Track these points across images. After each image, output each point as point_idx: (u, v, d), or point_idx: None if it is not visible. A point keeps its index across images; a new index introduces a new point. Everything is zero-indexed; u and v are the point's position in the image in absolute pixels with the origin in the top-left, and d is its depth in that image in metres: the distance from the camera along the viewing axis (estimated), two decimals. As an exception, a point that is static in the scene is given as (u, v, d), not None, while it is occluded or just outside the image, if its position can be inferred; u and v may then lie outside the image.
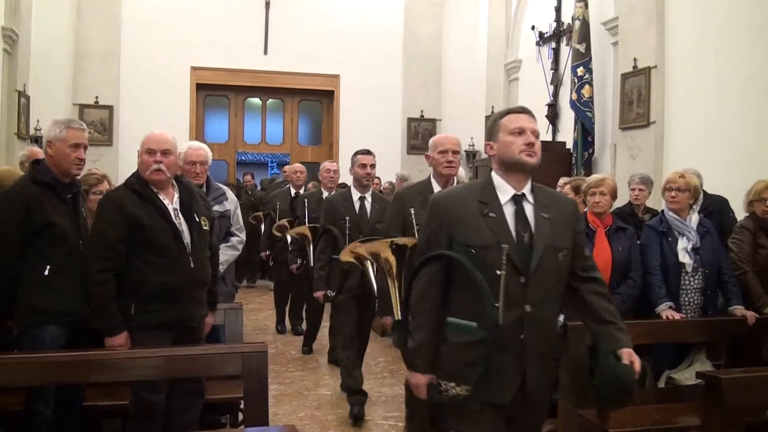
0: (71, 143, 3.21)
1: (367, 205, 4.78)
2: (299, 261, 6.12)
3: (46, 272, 3.12)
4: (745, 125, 5.71)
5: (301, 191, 7.11)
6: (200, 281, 3.27)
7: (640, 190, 5.21)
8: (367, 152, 4.79)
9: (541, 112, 9.03)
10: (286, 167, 9.27)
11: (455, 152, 3.69)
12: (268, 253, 7.45)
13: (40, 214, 3.11)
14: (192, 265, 3.19)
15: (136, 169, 3.26)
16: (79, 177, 3.39)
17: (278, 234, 6.64)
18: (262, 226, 7.78)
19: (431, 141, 3.84)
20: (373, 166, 4.79)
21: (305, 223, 5.85)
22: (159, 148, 3.18)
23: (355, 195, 4.78)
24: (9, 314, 3.17)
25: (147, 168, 3.19)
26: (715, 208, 4.92)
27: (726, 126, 5.89)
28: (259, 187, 11.38)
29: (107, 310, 3.04)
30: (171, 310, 3.13)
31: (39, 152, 4.03)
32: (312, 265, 5.13)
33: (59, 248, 3.15)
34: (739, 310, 3.95)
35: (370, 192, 4.83)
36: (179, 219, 3.22)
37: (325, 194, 5.76)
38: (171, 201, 3.23)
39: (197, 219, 3.28)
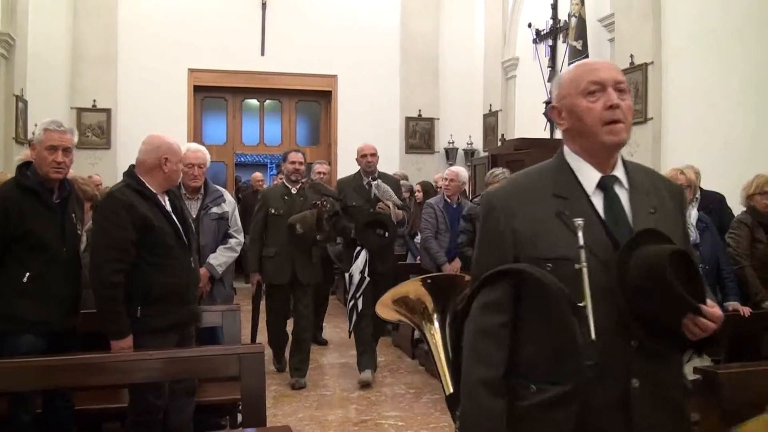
0: (47, 145, 3.08)
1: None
2: None
3: (25, 279, 3.02)
4: (743, 120, 5.70)
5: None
6: (198, 280, 3.36)
7: None
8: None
9: (538, 109, 9.03)
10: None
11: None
12: None
13: (18, 220, 3.01)
14: (192, 264, 3.22)
15: (128, 168, 3.19)
16: (65, 179, 3.22)
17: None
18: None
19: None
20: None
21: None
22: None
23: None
24: None
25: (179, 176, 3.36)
26: (714, 206, 4.90)
27: (723, 121, 5.88)
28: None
29: (117, 313, 2.96)
30: (177, 311, 3.11)
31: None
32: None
33: (39, 256, 3.05)
34: (732, 305, 3.95)
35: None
36: (174, 220, 3.21)
37: None
38: (165, 203, 3.22)
39: (188, 220, 3.31)
